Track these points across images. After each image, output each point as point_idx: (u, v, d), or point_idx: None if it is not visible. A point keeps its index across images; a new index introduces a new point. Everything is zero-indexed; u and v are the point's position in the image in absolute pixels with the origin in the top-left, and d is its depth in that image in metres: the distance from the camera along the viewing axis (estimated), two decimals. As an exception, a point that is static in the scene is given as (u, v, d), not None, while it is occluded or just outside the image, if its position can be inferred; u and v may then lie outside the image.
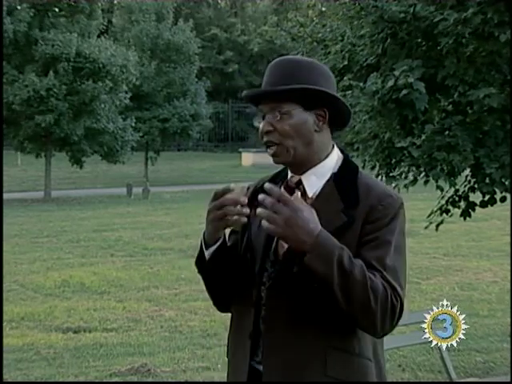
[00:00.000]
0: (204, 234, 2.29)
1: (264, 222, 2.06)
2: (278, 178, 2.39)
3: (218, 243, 2.26)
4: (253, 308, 2.28)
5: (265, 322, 2.24)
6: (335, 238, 2.12)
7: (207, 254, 2.28)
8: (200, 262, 2.31)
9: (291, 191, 2.29)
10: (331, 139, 2.32)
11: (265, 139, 2.27)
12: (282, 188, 2.31)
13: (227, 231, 2.33)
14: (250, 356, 2.27)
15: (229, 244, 2.35)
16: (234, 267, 2.30)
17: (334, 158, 2.30)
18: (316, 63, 2.31)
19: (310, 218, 2.08)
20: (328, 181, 2.26)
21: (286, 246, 2.23)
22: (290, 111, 2.22)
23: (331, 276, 2.06)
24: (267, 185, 2.08)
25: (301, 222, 2.06)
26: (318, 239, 2.07)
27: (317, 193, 2.26)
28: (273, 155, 2.28)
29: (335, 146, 2.33)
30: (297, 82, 2.21)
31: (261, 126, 2.27)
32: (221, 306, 2.44)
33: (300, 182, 2.28)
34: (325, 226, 2.14)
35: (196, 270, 2.37)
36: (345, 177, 2.26)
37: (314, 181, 2.27)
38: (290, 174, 2.33)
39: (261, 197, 2.07)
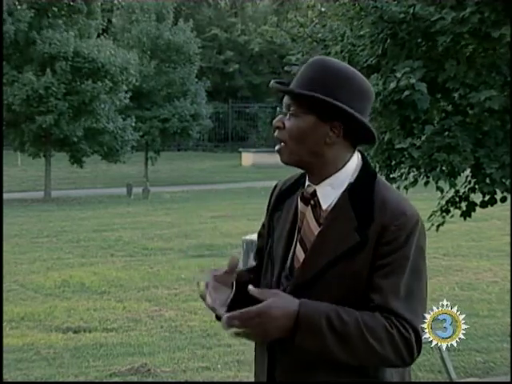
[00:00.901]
0: None
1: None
2: (299, 182, 2.31)
3: (229, 300, 2.23)
4: None
5: (279, 344, 2.17)
6: (348, 257, 2.07)
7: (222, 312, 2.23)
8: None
9: (306, 202, 2.22)
10: (351, 151, 2.20)
11: (275, 134, 2.22)
12: (299, 199, 2.24)
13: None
14: (269, 369, 2.24)
15: (255, 249, 2.34)
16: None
17: (353, 166, 2.20)
18: (352, 74, 2.19)
19: (283, 303, 2.02)
20: (344, 191, 2.17)
21: (301, 259, 2.18)
22: (302, 115, 2.16)
23: (327, 346, 2.01)
24: (251, 288, 2.03)
25: (275, 315, 1.99)
26: (299, 318, 2.00)
27: (332, 205, 2.17)
28: (278, 152, 2.22)
29: (356, 152, 2.23)
30: (321, 91, 2.12)
31: (275, 120, 2.23)
32: None
33: (315, 193, 2.20)
34: (337, 243, 2.09)
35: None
36: (360, 188, 2.15)
37: (330, 192, 2.17)
38: (307, 183, 2.24)
39: (227, 320, 2.02)
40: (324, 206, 2.18)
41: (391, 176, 6.36)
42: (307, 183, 2.24)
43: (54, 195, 26.43)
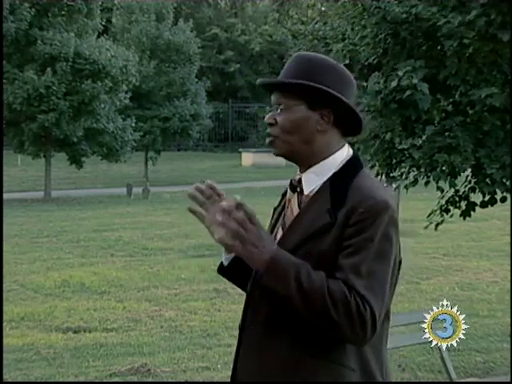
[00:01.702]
0: None
1: (225, 238, 2.07)
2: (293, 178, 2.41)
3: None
4: (246, 300, 2.32)
5: (249, 317, 2.27)
6: (317, 237, 2.14)
7: (225, 260, 2.34)
8: (221, 268, 2.38)
9: (293, 189, 2.30)
10: (340, 140, 2.28)
11: (268, 130, 2.29)
12: (288, 188, 2.33)
13: None
14: (238, 349, 2.31)
15: None
16: None
17: (340, 157, 2.26)
18: (335, 64, 2.28)
19: (266, 237, 2.10)
20: (327, 180, 2.24)
21: (277, 240, 2.25)
22: (292, 106, 2.22)
23: (289, 294, 2.06)
24: (238, 197, 2.08)
25: (255, 240, 2.07)
26: (273, 259, 2.07)
27: (314, 191, 2.24)
28: (270, 145, 2.29)
29: (346, 145, 2.30)
30: (308, 79, 2.20)
31: (266, 116, 2.28)
32: None
33: (300, 181, 2.28)
34: (310, 224, 2.16)
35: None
36: (342, 176, 2.22)
37: (313, 179, 2.25)
38: (297, 173, 2.33)
39: (228, 207, 2.08)
40: (306, 192, 2.25)
41: (391, 175, 6.36)
42: (297, 173, 2.32)
43: (54, 195, 26.43)
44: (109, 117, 27.35)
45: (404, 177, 6.30)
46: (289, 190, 2.32)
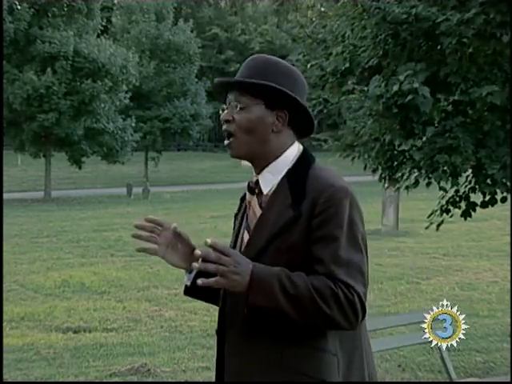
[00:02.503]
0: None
1: (213, 280, 2.08)
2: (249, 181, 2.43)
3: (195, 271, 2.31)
4: (221, 304, 2.35)
5: (227, 319, 2.30)
6: (284, 233, 2.17)
7: (187, 279, 2.36)
8: (185, 289, 2.41)
9: (252, 191, 2.33)
10: (292, 140, 2.32)
11: (223, 127, 2.32)
12: (247, 190, 2.36)
13: None
14: (220, 352, 2.38)
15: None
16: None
17: (292, 154, 2.30)
18: (290, 67, 2.35)
19: (241, 259, 2.12)
20: (283, 177, 2.28)
21: (245, 242, 2.29)
22: (251, 105, 2.26)
23: (279, 305, 2.09)
24: (209, 240, 2.09)
25: (242, 261, 2.11)
26: (254, 277, 2.10)
27: (272, 189, 2.28)
28: (228, 147, 2.31)
29: (296, 142, 2.34)
30: (264, 79, 2.25)
31: (222, 113, 2.32)
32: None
33: (257, 182, 2.31)
34: (275, 221, 2.20)
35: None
36: (297, 172, 2.27)
37: (270, 178, 2.28)
38: (253, 175, 2.36)
39: (202, 253, 2.10)
40: (265, 192, 2.29)
41: (393, 177, 6.36)
42: (253, 175, 2.36)
43: (54, 195, 26.43)
44: (109, 117, 27.36)
45: (405, 178, 6.30)
46: (247, 193, 2.36)
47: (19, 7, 25.29)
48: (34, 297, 10.20)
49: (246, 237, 2.31)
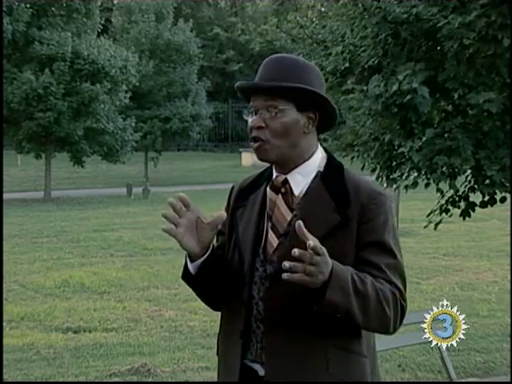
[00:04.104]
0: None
1: (297, 276, 1.98)
2: (262, 178, 2.37)
3: (204, 257, 2.24)
4: (243, 307, 2.27)
5: (262, 322, 2.23)
6: (329, 237, 2.13)
7: (192, 268, 2.26)
8: (186, 276, 2.30)
9: (277, 190, 2.27)
10: (316, 139, 2.32)
11: (253, 134, 2.23)
12: (268, 188, 2.30)
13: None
14: (243, 355, 2.28)
15: (216, 245, 2.34)
16: (223, 271, 2.29)
17: (319, 157, 2.29)
18: (312, 65, 2.31)
19: (328, 259, 2.04)
20: (314, 179, 2.25)
21: (275, 244, 2.23)
22: (285, 110, 2.19)
23: (350, 304, 2.07)
24: (311, 243, 1.97)
25: (323, 270, 2.02)
26: (334, 272, 2.04)
27: (303, 191, 2.24)
28: (256, 150, 2.24)
29: (319, 145, 2.33)
30: (294, 81, 2.19)
31: (251, 120, 2.23)
32: (213, 306, 2.46)
33: (286, 181, 2.26)
34: (318, 225, 2.14)
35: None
36: (331, 175, 2.25)
37: (300, 179, 2.25)
38: (275, 174, 2.30)
39: (300, 253, 1.98)
40: (296, 193, 2.25)
41: (391, 177, 6.36)
42: (275, 174, 2.29)
43: (53, 195, 26.43)
44: (109, 117, 27.35)
45: (404, 178, 6.30)
46: (269, 191, 2.29)
47: (18, 7, 25.25)
48: (34, 297, 10.20)
49: (274, 239, 2.24)
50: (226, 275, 2.30)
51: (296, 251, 1.97)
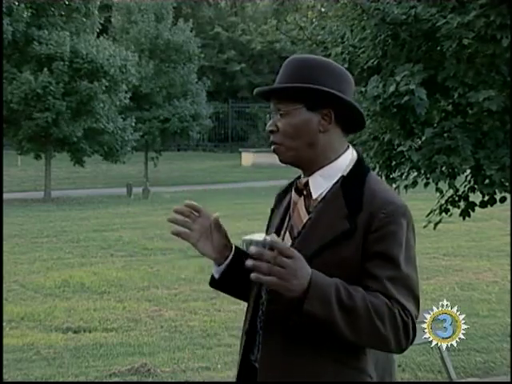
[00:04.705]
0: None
1: (262, 277, 1.96)
2: (294, 182, 2.35)
3: (227, 261, 2.26)
4: (251, 306, 2.28)
5: (263, 323, 2.22)
6: (336, 244, 2.09)
7: (216, 272, 2.30)
8: (212, 282, 2.35)
9: (299, 193, 2.25)
10: (343, 140, 2.25)
11: (270, 138, 2.25)
12: (293, 190, 2.28)
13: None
14: (247, 352, 2.27)
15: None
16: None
17: (346, 160, 2.22)
18: (329, 63, 2.25)
19: (303, 264, 2.01)
20: (336, 183, 2.19)
21: (288, 245, 2.17)
22: (291, 111, 2.18)
23: (333, 317, 2.00)
24: (268, 238, 1.98)
25: (302, 265, 1.99)
26: (312, 282, 1.99)
27: (323, 195, 2.20)
28: (274, 152, 2.25)
29: (350, 148, 2.26)
30: (303, 82, 2.16)
31: (267, 125, 2.25)
32: None
33: (307, 184, 2.23)
34: (326, 231, 2.11)
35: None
36: (353, 180, 2.18)
37: (321, 182, 2.20)
38: (302, 176, 2.29)
39: (254, 250, 1.97)
40: (314, 196, 2.21)
41: (391, 176, 6.36)
42: (302, 176, 2.28)
43: (53, 195, 26.43)
44: (109, 117, 27.34)
45: (404, 178, 6.31)
46: (294, 193, 2.27)
47: (17, 7, 25.24)
48: (34, 297, 10.20)
49: (289, 240, 2.21)
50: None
51: (252, 249, 1.96)
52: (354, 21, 6.21)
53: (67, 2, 26.69)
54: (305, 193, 2.23)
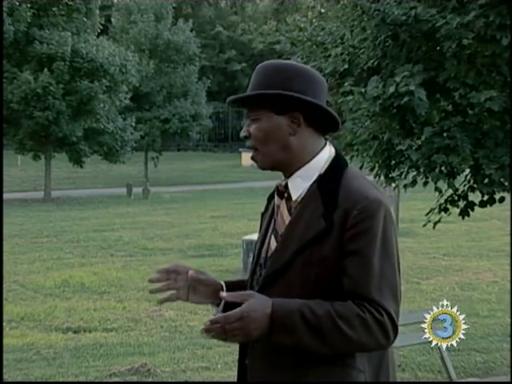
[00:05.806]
0: None
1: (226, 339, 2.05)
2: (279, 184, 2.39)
3: (222, 301, 2.29)
4: None
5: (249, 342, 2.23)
6: (315, 244, 2.10)
7: (217, 313, 2.31)
8: None
9: (281, 196, 2.28)
10: (318, 140, 2.27)
11: (246, 144, 2.31)
12: (275, 194, 2.31)
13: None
14: (242, 356, 2.30)
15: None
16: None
17: (323, 158, 2.25)
18: (297, 66, 2.27)
19: (259, 305, 2.05)
20: (313, 183, 2.21)
21: (273, 248, 2.24)
22: (260, 116, 2.22)
23: (303, 341, 2.04)
24: (213, 316, 2.07)
25: (254, 317, 2.03)
26: (274, 316, 2.03)
27: (302, 195, 2.22)
28: (252, 159, 2.29)
29: (328, 145, 2.29)
30: (271, 87, 2.20)
31: (241, 131, 2.32)
32: None
33: (286, 186, 2.26)
34: (305, 230, 2.13)
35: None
36: (329, 178, 2.20)
37: (299, 183, 2.23)
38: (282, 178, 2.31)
39: (210, 323, 2.04)
40: (294, 197, 2.23)
41: (390, 176, 6.36)
42: (282, 178, 2.31)
43: (53, 195, 26.44)
44: (109, 117, 27.36)
45: (403, 177, 6.31)
46: (276, 196, 2.31)
47: (19, 7, 25.26)
48: (34, 297, 10.21)
49: (273, 243, 2.25)
50: None
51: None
52: (354, 21, 6.21)
53: (68, 2, 26.69)
54: (286, 195, 2.26)
